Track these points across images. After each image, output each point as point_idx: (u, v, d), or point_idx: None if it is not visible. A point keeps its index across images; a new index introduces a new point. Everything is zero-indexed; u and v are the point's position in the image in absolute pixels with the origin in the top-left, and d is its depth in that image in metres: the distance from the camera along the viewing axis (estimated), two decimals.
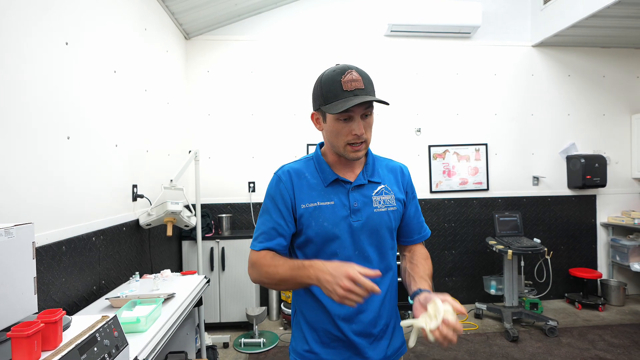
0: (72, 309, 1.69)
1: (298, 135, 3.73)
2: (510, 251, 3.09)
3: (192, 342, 2.14)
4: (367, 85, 0.96)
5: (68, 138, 1.72)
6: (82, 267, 1.79)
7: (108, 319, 1.06)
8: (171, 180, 2.50)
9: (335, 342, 1.02)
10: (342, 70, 0.96)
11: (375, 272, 0.86)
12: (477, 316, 3.47)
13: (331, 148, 1.06)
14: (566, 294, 3.83)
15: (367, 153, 1.12)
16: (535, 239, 3.32)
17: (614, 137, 4.07)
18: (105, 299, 1.71)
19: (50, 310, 0.91)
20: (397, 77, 3.87)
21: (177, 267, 3.23)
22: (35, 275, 1.05)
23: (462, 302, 3.81)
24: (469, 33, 3.85)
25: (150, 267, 2.59)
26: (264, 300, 3.59)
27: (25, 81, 1.46)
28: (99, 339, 0.98)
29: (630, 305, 3.67)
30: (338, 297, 0.83)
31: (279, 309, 3.48)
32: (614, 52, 4.05)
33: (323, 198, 1.02)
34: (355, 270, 0.84)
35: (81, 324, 1.04)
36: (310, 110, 1.14)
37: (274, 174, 1.09)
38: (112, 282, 2.07)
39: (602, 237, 4.00)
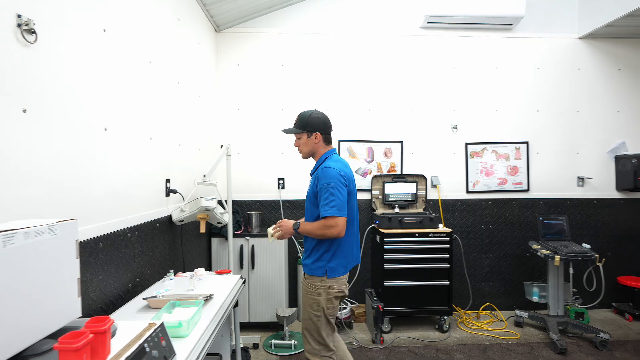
0: (109, 308, 1.62)
1: None
2: (557, 257, 2.88)
3: (227, 344, 2.05)
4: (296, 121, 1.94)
5: (105, 129, 1.65)
6: (118, 264, 1.72)
7: (156, 327, 0.96)
8: (204, 176, 2.42)
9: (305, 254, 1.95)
10: None
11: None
12: (518, 324, 3.27)
13: None
14: (614, 304, 3.57)
15: (320, 159, 1.91)
16: (584, 245, 3.10)
17: None
18: (143, 299, 1.64)
19: (97, 317, 0.81)
20: (432, 71, 3.69)
21: (207, 265, 3.16)
22: (79, 276, 0.96)
23: (500, 309, 3.62)
24: (511, 24, 3.63)
25: (183, 265, 2.52)
26: (293, 300, 3.49)
27: (64, 69, 1.39)
28: (147, 349, 0.88)
29: None
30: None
31: None
32: None
33: None
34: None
35: (128, 331, 0.94)
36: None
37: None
38: (147, 280, 2.00)
39: None
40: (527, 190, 3.71)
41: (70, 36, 1.42)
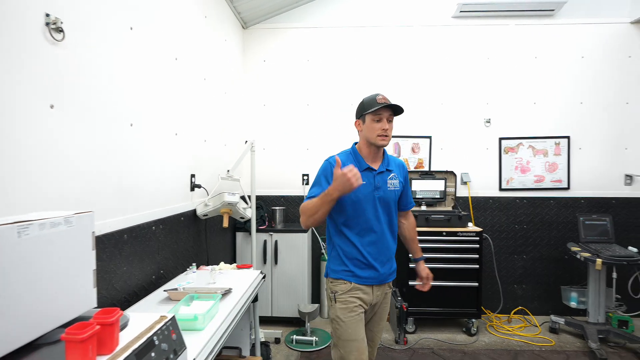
0: (132, 298, 1.68)
1: (354, 127, 3.54)
2: (599, 260, 2.67)
3: (247, 338, 2.07)
4: (391, 101, 1.58)
5: (131, 125, 1.70)
6: (142, 256, 1.78)
7: (166, 320, 0.97)
8: (228, 171, 2.45)
9: (362, 264, 1.60)
10: (377, 94, 1.58)
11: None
12: (553, 330, 3.08)
13: (366, 141, 1.61)
14: None
15: (384, 152, 1.67)
16: (630, 248, 2.85)
17: None
18: (164, 290, 1.68)
19: (107, 309, 0.83)
20: (465, 63, 3.52)
21: (231, 259, 3.22)
22: (95, 267, 0.99)
23: (534, 313, 3.42)
24: (553, 10, 3.38)
25: (207, 259, 2.57)
26: (316, 297, 3.49)
27: (91, 66, 1.43)
28: (156, 342, 0.89)
29: None
30: (350, 184, 1.37)
31: None
32: None
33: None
34: (343, 170, 1.38)
35: (139, 323, 0.96)
36: None
37: (326, 160, 1.67)
38: (170, 272, 2.06)
39: None
40: (567, 188, 3.47)
41: (97, 34, 1.46)
